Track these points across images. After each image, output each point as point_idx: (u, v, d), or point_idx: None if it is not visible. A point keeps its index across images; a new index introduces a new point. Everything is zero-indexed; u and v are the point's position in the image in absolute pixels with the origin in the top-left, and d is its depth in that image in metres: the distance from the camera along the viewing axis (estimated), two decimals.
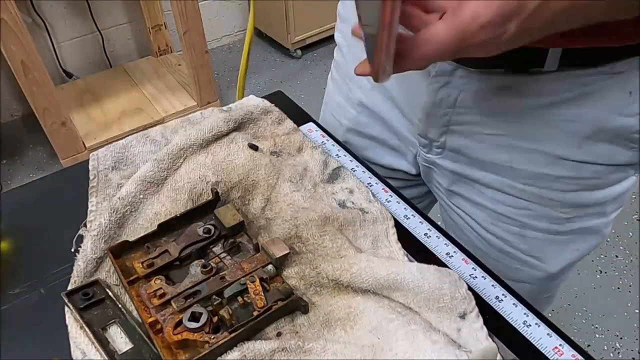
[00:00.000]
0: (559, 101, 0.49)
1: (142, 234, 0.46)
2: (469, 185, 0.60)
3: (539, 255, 0.60)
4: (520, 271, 0.61)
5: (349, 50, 0.64)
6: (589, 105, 0.48)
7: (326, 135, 0.61)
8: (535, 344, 0.41)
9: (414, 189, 0.71)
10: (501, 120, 0.52)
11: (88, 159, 0.55)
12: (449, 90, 0.53)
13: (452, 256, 0.47)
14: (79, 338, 0.39)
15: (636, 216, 1.67)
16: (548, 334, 0.41)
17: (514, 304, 0.43)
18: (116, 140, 0.57)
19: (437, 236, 0.49)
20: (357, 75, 0.36)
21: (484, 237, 0.61)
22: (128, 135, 0.58)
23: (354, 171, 0.56)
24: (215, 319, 0.39)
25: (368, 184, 0.54)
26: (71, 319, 0.41)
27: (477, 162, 0.57)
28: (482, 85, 0.52)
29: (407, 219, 0.51)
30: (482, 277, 0.45)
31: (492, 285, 0.45)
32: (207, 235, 0.45)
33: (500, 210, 0.59)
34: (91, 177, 0.53)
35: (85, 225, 0.48)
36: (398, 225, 0.50)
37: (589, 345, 1.37)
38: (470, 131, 0.55)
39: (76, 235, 0.48)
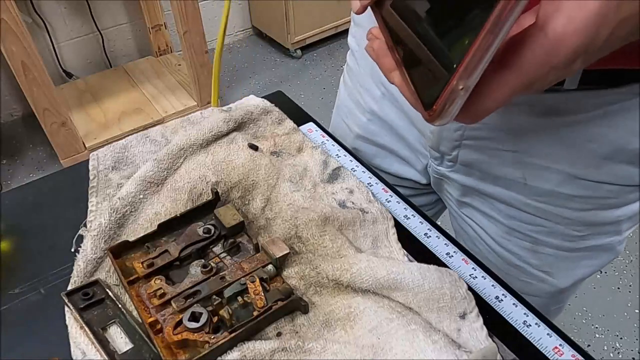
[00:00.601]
0: (578, 120, 0.48)
1: (142, 234, 0.46)
2: (481, 198, 0.59)
3: (550, 270, 0.59)
4: (530, 285, 0.60)
5: (362, 55, 0.63)
6: (608, 125, 0.47)
7: (326, 135, 0.61)
8: (535, 344, 0.41)
9: (423, 197, 0.70)
10: (516, 136, 0.51)
11: (88, 159, 0.55)
12: None
13: (452, 256, 0.47)
14: (79, 338, 0.39)
15: None
16: (548, 334, 0.41)
17: (514, 304, 0.43)
18: (116, 140, 0.57)
19: (437, 236, 0.49)
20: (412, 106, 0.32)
21: (495, 250, 0.60)
22: (128, 135, 0.58)
23: (353, 171, 0.56)
24: (215, 319, 0.39)
25: (368, 184, 0.54)
26: (71, 319, 0.41)
27: (490, 177, 0.56)
28: None
29: (407, 219, 0.51)
30: (482, 277, 0.45)
31: (492, 285, 0.45)
32: (207, 235, 0.45)
33: (512, 225, 0.58)
34: (91, 177, 0.53)
35: (85, 225, 0.48)
36: (398, 225, 0.50)
37: (589, 345, 1.37)
38: (484, 146, 0.54)
39: (76, 235, 0.48)
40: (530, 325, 0.42)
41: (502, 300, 0.44)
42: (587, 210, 0.53)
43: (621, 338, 1.39)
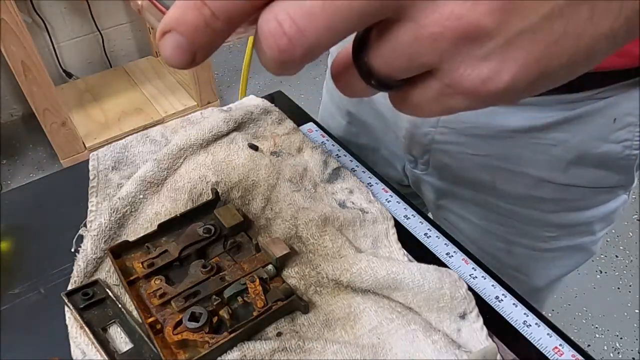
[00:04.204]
0: (542, 125, 0.48)
1: (142, 234, 0.46)
2: (455, 201, 0.59)
3: (525, 270, 0.60)
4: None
5: None
6: (573, 130, 0.47)
7: (326, 135, 0.61)
8: (535, 344, 0.41)
9: (408, 195, 0.71)
10: (483, 141, 0.52)
11: (88, 159, 0.55)
12: None
13: (452, 256, 0.47)
14: (79, 338, 0.39)
15: (636, 216, 1.68)
16: (548, 334, 0.41)
17: (514, 304, 0.43)
18: (116, 140, 0.57)
19: (437, 236, 0.49)
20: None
21: (471, 250, 0.61)
22: (128, 135, 0.58)
23: (354, 171, 0.56)
24: (215, 319, 0.39)
25: (368, 184, 0.54)
26: (71, 319, 0.41)
27: (462, 180, 0.56)
28: None
29: (407, 219, 0.51)
30: (482, 277, 0.45)
31: (492, 285, 0.45)
32: (207, 235, 0.45)
33: (486, 226, 0.58)
34: (91, 177, 0.53)
35: (85, 225, 0.48)
36: (398, 225, 0.50)
37: (589, 345, 1.37)
38: (453, 150, 0.54)
39: (76, 235, 0.48)
40: (530, 325, 0.42)
41: (502, 300, 0.44)
42: (557, 212, 0.54)
43: (621, 338, 1.39)
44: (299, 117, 0.63)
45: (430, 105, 0.21)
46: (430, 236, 0.49)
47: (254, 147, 0.54)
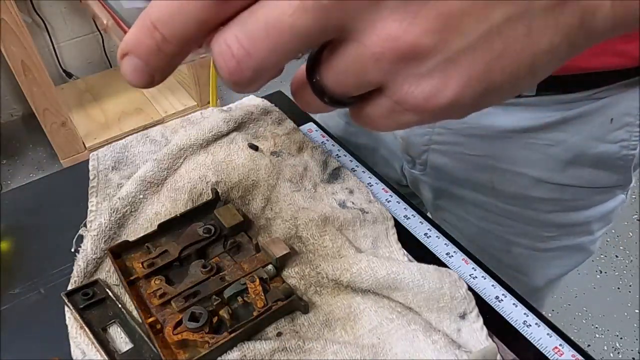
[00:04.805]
0: (538, 126, 0.48)
1: (142, 234, 0.46)
2: (454, 201, 0.59)
3: (524, 270, 0.60)
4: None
5: None
6: (570, 130, 0.47)
7: (326, 135, 0.61)
8: (535, 344, 0.41)
9: (407, 195, 0.71)
10: (481, 141, 0.52)
11: (88, 159, 0.55)
12: None
13: (452, 256, 0.47)
14: (79, 338, 0.39)
15: (636, 216, 1.68)
16: (548, 334, 0.41)
17: (514, 304, 0.43)
18: (116, 140, 0.57)
19: (437, 236, 0.49)
20: None
21: (470, 250, 0.61)
22: (128, 135, 0.58)
23: (354, 171, 0.56)
24: (215, 319, 0.39)
25: (368, 184, 0.54)
26: (71, 319, 0.41)
27: (460, 181, 0.56)
28: None
29: (407, 219, 0.51)
30: (482, 277, 0.45)
31: (492, 285, 0.45)
32: (207, 235, 0.45)
33: (484, 226, 0.58)
34: (91, 177, 0.53)
35: (85, 225, 0.48)
36: (398, 225, 0.50)
37: (589, 345, 1.37)
38: (451, 151, 0.54)
39: (76, 235, 0.48)
40: (530, 325, 0.42)
41: (502, 300, 0.44)
42: (556, 212, 0.54)
43: (621, 338, 1.39)
44: (299, 117, 0.63)
45: (383, 121, 0.22)
46: (430, 236, 0.49)
47: (254, 147, 0.54)
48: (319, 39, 0.19)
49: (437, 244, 0.49)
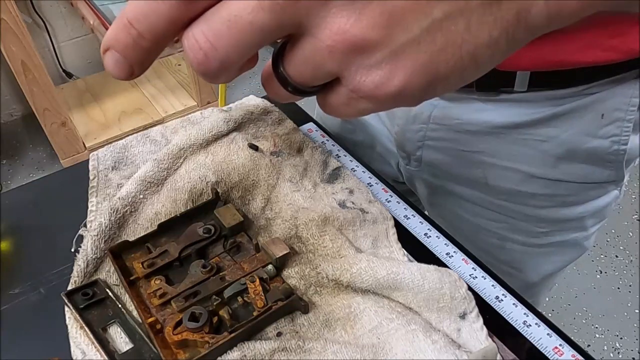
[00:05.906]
0: (530, 122, 0.48)
1: (142, 234, 0.46)
2: (448, 197, 0.60)
3: (518, 266, 0.60)
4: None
5: None
6: (561, 126, 0.48)
7: (326, 135, 0.61)
8: (535, 344, 0.41)
9: (404, 192, 0.72)
10: (474, 137, 0.52)
11: (88, 159, 0.55)
12: (422, 107, 0.53)
13: (452, 256, 0.47)
14: (79, 338, 0.39)
15: (636, 216, 1.68)
16: (548, 334, 0.41)
17: (513, 304, 0.43)
18: (116, 140, 0.57)
19: (437, 236, 0.49)
20: None
21: (465, 245, 0.62)
22: (128, 135, 0.58)
23: (354, 171, 0.56)
24: (215, 319, 0.39)
25: (368, 184, 0.54)
26: (71, 319, 0.41)
27: (454, 177, 0.57)
28: (454, 104, 0.51)
29: (407, 219, 0.51)
30: (482, 277, 0.45)
31: (492, 285, 0.45)
32: (207, 235, 0.45)
33: (479, 222, 0.59)
34: (91, 177, 0.53)
35: (85, 225, 0.48)
36: (398, 225, 0.50)
37: (589, 345, 1.37)
38: (445, 147, 0.55)
39: (76, 235, 0.48)
40: (530, 325, 0.42)
41: (502, 300, 0.44)
42: (549, 208, 0.54)
43: (621, 338, 1.39)
44: (299, 117, 0.63)
45: (344, 108, 0.25)
46: (430, 236, 0.49)
47: (254, 147, 0.54)
48: (277, 34, 0.21)
49: (437, 244, 0.49)
